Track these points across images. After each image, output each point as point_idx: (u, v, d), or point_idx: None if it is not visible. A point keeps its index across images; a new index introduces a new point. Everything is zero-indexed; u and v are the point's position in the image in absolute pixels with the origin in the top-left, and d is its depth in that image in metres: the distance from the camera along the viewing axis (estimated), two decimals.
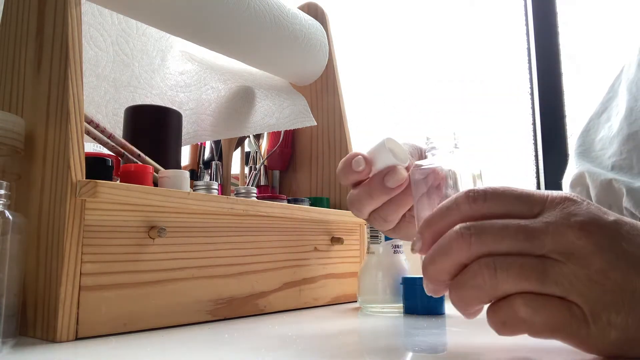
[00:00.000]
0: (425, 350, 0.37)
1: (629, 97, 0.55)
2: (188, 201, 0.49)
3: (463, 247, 0.31)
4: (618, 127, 0.55)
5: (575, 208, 0.31)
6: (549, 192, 0.33)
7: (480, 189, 0.33)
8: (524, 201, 0.32)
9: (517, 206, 0.32)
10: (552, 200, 0.32)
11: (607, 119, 0.58)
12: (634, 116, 0.54)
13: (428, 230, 0.34)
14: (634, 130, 0.54)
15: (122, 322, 0.44)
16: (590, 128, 0.60)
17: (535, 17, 1.05)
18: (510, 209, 0.32)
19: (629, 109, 0.55)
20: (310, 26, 0.75)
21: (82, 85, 0.44)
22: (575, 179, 0.59)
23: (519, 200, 0.32)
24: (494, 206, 0.32)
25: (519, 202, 0.32)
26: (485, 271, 0.30)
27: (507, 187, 0.33)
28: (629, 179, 0.52)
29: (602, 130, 0.58)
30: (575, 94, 1.02)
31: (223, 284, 0.53)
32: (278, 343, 0.40)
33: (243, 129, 0.75)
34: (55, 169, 0.42)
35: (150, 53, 0.73)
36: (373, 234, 0.62)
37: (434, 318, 0.54)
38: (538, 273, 0.30)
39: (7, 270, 0.36)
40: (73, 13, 0.45)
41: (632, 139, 0.54)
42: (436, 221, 0.34)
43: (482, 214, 0.32)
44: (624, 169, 0.54)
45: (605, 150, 0.56)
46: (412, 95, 1.15)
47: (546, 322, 0.30)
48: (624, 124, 0.55)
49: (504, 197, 0.32)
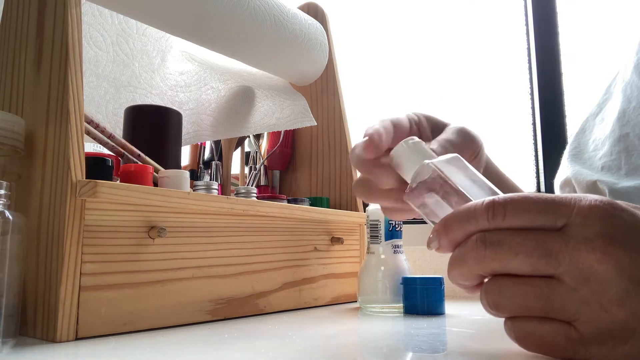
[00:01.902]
0: (425, 350, 0.37)
1: (623, 98, 0.56)
2: (188, 201, 0.49)
3: (478, 259, 0.31)
4: (611, 128, 0.56)
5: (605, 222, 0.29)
6: (577, 200, 0.30)
7: (501, 199, 0.31)
8: (548, 213, 0.30)
9: (539, 220, 0.30)
10: (580, 210, 0.29)
11: (602, 120, 0.59)
12: (626, 118, 0.54)
13: (445, 234, 0.33)
14: (625, 132, 0.54)
15: (122, 322, 0.44)
16: (585, 129, 0.61)
17: (535, 17, 1.05)
18: (532, 224, 0.30)
19: (622, 110, 0.55)
20: (310, 26, 0.75)
21: (82, 85, 0.44)
22: (564, 182, 0.59)
23: (542, 214, 0.30)
24: (514, 221, 0.31)
25: (541, 216, 0.30)
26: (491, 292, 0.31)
27: (531, 198, 0.31)
28: (615, 179, 0.53)
29: (596, 131, 0.59)
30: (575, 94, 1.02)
31: (223, 284, 0.53)
32: (278, 343, 0.40)
33: (243, 129, 0.75)
34: (55, 169, 0.42)
35: (150, 53, 0.73)
36: (373, 234, 0.62)
37: (434, 318, 0.54)
38: (543, 302, 0.30)
39: (7, 270, 0.36)
40: (73, 13, 0.45)
41: (622, 140, 0.54)
42: (453, 227, 0.33)
43: (501, 229, 0.31)
44: (612, 170, 0.54)
45: (598, 151, 0.57)
46: (411, 95, 1.15)
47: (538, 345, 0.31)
48: (616, 125, 0.55)
49: (526, 211, 0.30)
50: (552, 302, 0.29)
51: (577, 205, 0.30)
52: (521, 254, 0.30)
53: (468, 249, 0.31)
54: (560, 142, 1.00)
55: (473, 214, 0.32)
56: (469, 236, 0.32)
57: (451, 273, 0.33)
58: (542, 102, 1.04)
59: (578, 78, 1.03)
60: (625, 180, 0.52)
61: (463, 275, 0.32)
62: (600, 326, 0.29)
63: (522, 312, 0.31)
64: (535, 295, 0.30)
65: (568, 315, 0.29)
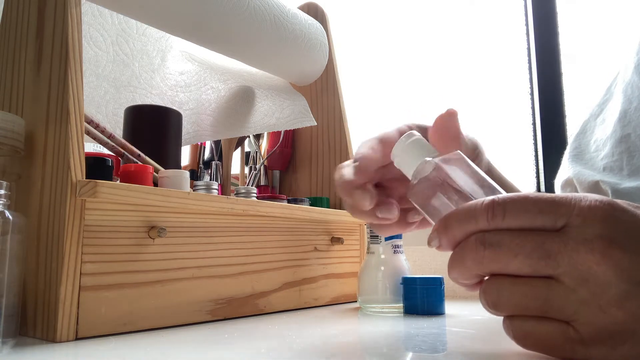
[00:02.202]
0: (425, 350, 0.37)
1: (624, 99, 0.56)
2: (188, 201, 0.49)
3: (476, 260, 0.31)
4: (612, 129, 0.56)
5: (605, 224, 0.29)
6: (577, 200, 0.30)
7: (501, 199, 0.31)
8: (548, 214, 0.30)
9: (539, 221, 0.30)
10: (580, 211, 0.29)
11: (603, 120, 0.59)
12: (627, 119, 0.54)
13: (444, 234, 0.33)
14: (626, 132, 0.54)
15: (122, 322, 0.44)
16: (586, 130, 0.61)
17: (535, 17, 1.05)
18: (532, 224, 0.30)
19: (623, 111, 0.55)
20: (310, 26, 0.75)
21: (82, 85, 0.44)
22: (565, 182, 0.59)
23: (541, 214, 0.30)
24: (513, 222, 0.30)
25: (541, 216, 0.30)
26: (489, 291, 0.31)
27: (531, 198, 0.31)
28: (617, 180, 0.53)
29: (597, 131, 0.59)
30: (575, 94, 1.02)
31: (223, 284, 0.53)
32: (278, 343, 0.40)
33: (243, 129, 0.75)
34: (55, 169, 0.42)
35: (150, 53, 0.73)
36: (373, 234, 0.62)
37: (434, 318, 0.54)
38: (541, 302, 0.30)
39: (7, 270, 0.36)
40: (73, 13, 0.45)
41: (624, 141, 0.54)
42: (452, 226, 0.33)
43: (500, 230, 0.31)
44: (614, 171, 0.54)
45: (599, 151, 0.57)
46: (411, 95, 1.15)
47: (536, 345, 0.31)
48: (618, 126, 0.55)
49: (526, 212, 0.30)
50: (551, 302, 0.29)
51: (577, 205, 0.30)
52: (520, 256, 0.30)
53: (467, 249, 0.31)
54: (560, 142, 1.00)
55: (473, 214, 0.32)
56: (468, 236, 0.32)
57: (451, 272, 0.33)
58: (542, 102, 1.04)
59: (578, 78, 1.03)
60: (627, 181, 0.52)
61: (463, 275, 0.32)
62: (598, 327, 0.29)
63: (521, 311, 0.31)
64: (534, 296, 0.30)
65: (566, 315, 0.29)
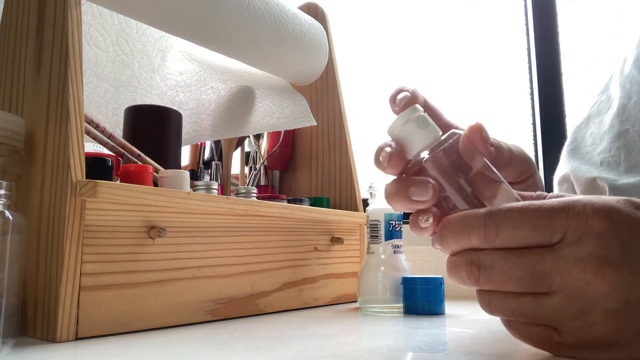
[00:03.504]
0: (425, 350, 0.37)
1: (622, 93, 0.55)
2: (188, 201, 0.49)
3: (472, 279, 0.32)
4: (609, 123, 0.55)
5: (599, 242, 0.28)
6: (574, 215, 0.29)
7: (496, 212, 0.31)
8: (543, 230, 0.29)
9: (534, 237, 0.30)
10: (577, 227, 0.29)
11: (599, 113, 0.58)
12: (626, 114, 0.54)
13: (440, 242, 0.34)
14: (625, 128, 0.54)
15: (122, 322, 0.44)
16: (582, 123, 0.61)
17: (535, 17, 1.05)
18: (526, 242, 0.30)
19: (621, 106, 0.55)
20: (310, 26, 0.75)
21: (82, 85, 0.44)
22: (562, 177, 0.59)
23: (536, 231, 0.29)
24: (507, 241, 0.30)
25: (535, 234, 0.30)
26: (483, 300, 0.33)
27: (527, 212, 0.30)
28: (615, 176, 0.52)
29: (592, 125, 0.59)
30: (575, 94, 1.02)
31: (223, 284, 0.53)
32: (278, 343, 0.40)
33: (243, 129, 0.75)
34: (55, 169, 0.42)
35: (150, 53, 0.73)
36: (373, 234, 0.62)
37: (434, 318, 0.54)
38: (530, 316, 0.31)
39: (7, 270, 0.36)
40: (73, 13, 0.45)
41: (622, 136, 0.54)
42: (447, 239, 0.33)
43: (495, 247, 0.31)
44: (611, 166, 0.54)
45: (596, 145, 0.56)
46: None
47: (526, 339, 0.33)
48: (615, 121, 0.55)
49: (520, 228, 0.30)
50: (540, 315, 0.31)
51: (574, 221, 0.29)
52: (513, 280, 0.30)
53: (461, 266, 0.32)
54: (560, 142, 1.00)
55: (466, 230, 0.32)
56: (463, 248, 0.33)
57: (450, 277, 0.34)
58: (542, 102, 1.04)
59: (578, 78, 1.03)
60: (625, 177, 0.52)
61: (460, 283, 0.33)
62: (584, 339, 0.30)
63: (512, 318, 0.33)
64: (523, 312, 0.31)
65: (554, 324, 0.31)
